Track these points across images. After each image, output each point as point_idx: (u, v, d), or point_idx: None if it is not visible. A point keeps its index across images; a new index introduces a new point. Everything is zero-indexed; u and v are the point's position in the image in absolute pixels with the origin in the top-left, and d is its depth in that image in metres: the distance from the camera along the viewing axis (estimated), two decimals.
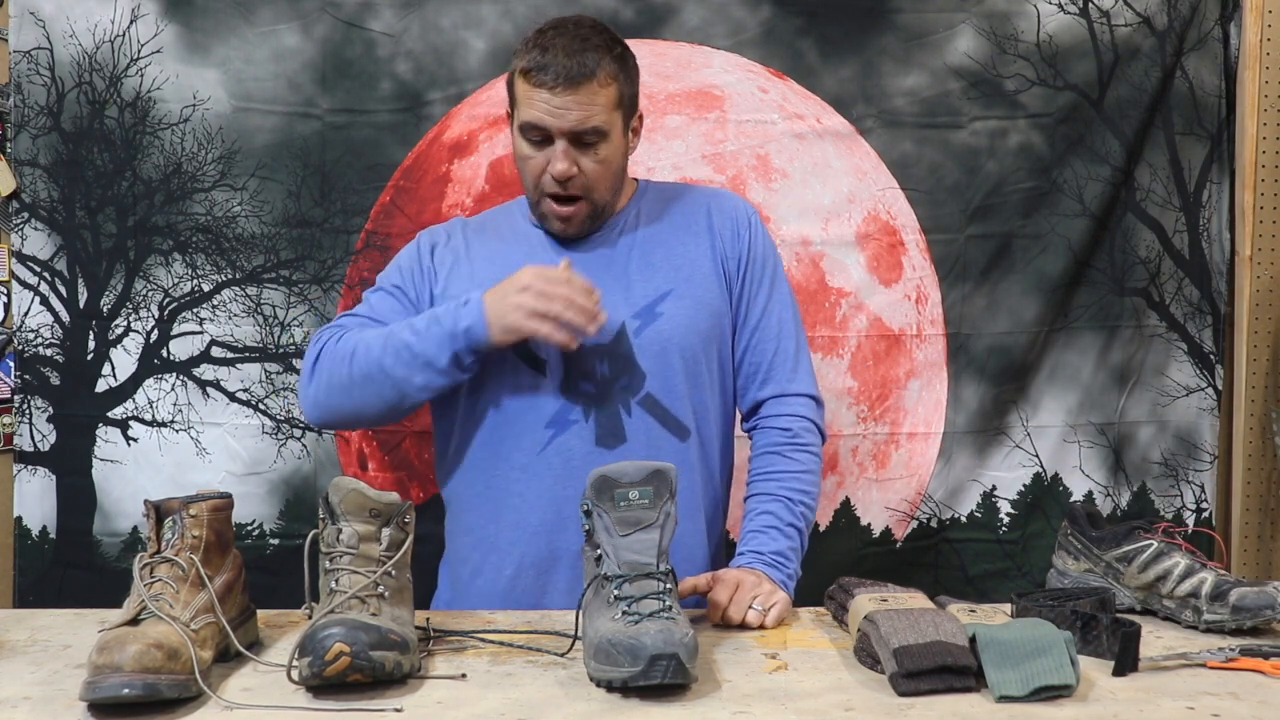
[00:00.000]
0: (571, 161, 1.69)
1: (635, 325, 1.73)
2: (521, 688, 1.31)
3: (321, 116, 2.32)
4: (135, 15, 2.29)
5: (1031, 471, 2.49)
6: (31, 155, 2.30)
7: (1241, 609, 1.51)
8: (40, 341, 2.32)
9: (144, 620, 1.28)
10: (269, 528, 2.35)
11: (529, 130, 1.70)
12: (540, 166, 1.71)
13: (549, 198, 1.73)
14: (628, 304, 1.75)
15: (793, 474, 1.77)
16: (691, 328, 1.75)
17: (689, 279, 1.78)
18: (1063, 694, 1.27)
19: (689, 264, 1.79)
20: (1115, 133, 2.43)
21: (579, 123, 1.67)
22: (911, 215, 2.41)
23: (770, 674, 1.36)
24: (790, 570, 1.70)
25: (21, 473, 2.33)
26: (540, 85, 1.66)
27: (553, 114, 1.67)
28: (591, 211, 1.75)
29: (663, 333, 1.74)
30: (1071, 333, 2.47)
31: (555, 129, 1.68)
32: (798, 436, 1.79)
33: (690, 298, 1.77)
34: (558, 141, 1.69)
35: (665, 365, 1.73)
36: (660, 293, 1.76)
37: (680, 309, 1.75)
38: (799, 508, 1.75)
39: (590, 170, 1.71)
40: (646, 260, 1.78)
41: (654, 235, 1.81)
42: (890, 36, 2.38)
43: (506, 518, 1.74)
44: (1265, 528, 2.51)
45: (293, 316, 2.34)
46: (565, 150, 1.69)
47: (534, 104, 1.68)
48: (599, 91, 1.67)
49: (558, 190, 1.71)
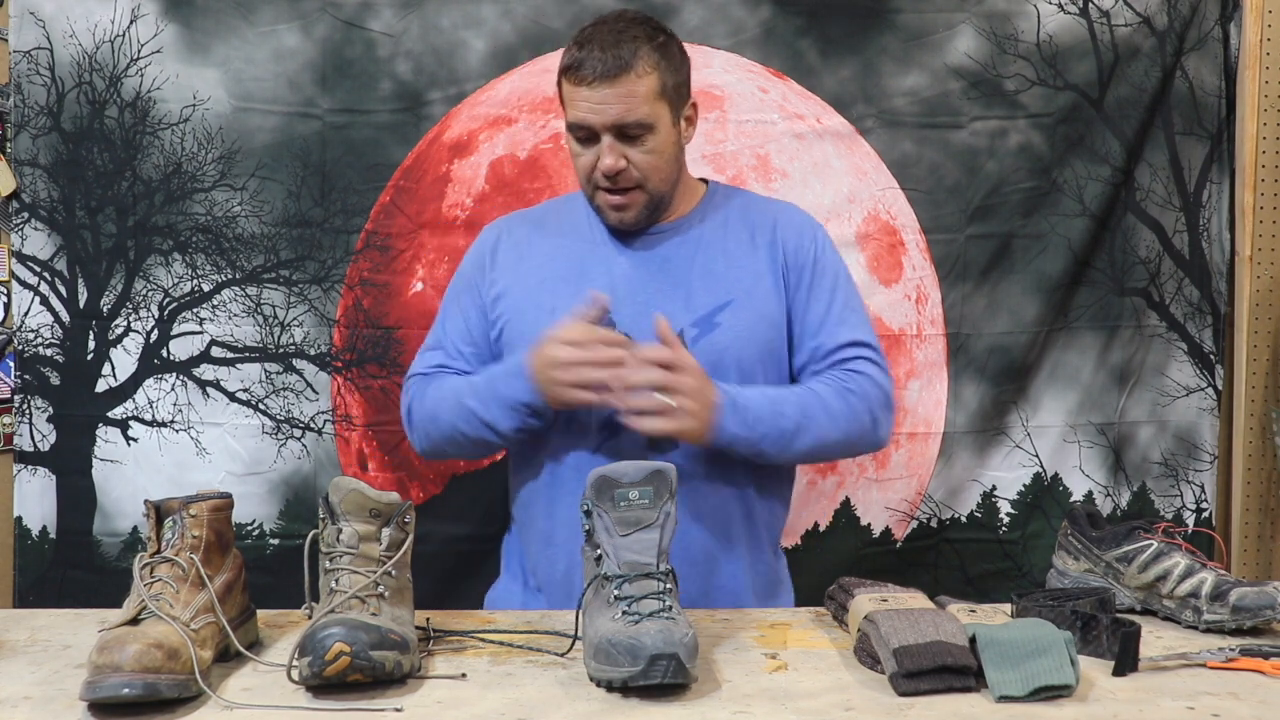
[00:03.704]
0: (619, 156, 1.68)
1: (694, 334, 1.72)
2: (521, 688, 1.31)
3: (321, 116, 2.32)
4: (135, 15, 2.29)
5: (1031, 471, 2.49)
6: (31, 155, 2.30)
7: (1241, 609, 1.51)
8: (40, 341, 2.32)
9: (144, 620, 1.28)
10: (269, 528, 2.35)
11: (575, 129, 1.71)
12: (590, 164, 1.71)
13: (602, 190, 1.73)
14: (688, 311, 1.73)
15: (833, 390, 1.72)
16: (750, 339, 1.73)
17: (750, 291, 1.76)
18: (1063, 694, 1.27)
19: (751, 275, 1.77)
20: (1115, 133, 2.43)
21: (620, 117, 1.66)
22: (911, 215, 2.41)
23: (770, 674, 1.36)
24: (731, 416, 1.63)
25: (21, 473, 2.33)
26: (580, 83, 1.66)
27: (594, 110, 1.67)
28: (648, 201, 1.74)
29: (719, 343, 1.72)
30: (1071, 333, 2.47)
31: (599, 125, 1.67)
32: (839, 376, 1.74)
33: (750, 310, 1.75)
34: (604, 137, 1.68)
35: (720, 375, 1.68)
36: (720, 303, 1.74)
37: (739, 320, 1.74)
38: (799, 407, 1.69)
39: (641, 162, 1.70)
40: (709, 269, 1.77)
41: (718, 243, 1.79)
42: (890, 36, 2.38)
43: (560, 515, 1.73)
44: (1265, 528, 2.51)
45: (293, 316, 2.34)
46: (611, 145, 1.68)
47: (576, 103, 1.69)
48: (638, 82, 1.66)
49: (608, 185, 1.72)
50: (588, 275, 1.76)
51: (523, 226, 1.87)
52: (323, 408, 2.35)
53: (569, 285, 1.75)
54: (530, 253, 1.82)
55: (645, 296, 1.74)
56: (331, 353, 2.35)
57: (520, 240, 1.84)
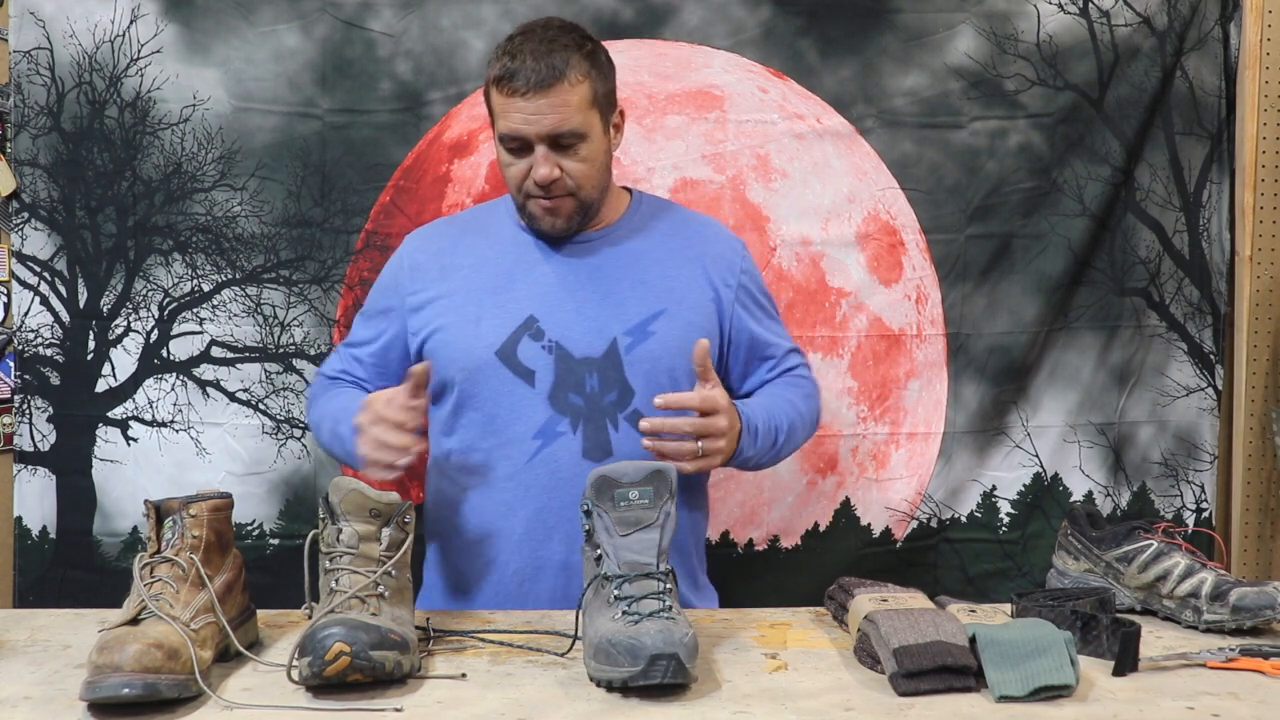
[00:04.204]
0: (553, 165, 1.68)
1: (627, 342, 1.73)
2: (521, 688, 1.31)
3: (321, 116, 2.32)
4: (135, 15, 2.29)
5: (1031, 471, 2.49)
6: (31, 155, 2.30)
7: (1241, 609, 1.51)
8: (40, 341, 2.32)
9: (144, 620, 1.28)
10: (269, 528, 2.35)
11: (508, 140, 1.69)
12: (523, 173, 1.71)
13: (535, 198, 1.72)
14: (620, 320, 1.74)
15: (800, 395, 1.84)
16: (682, 349, 1.72)
17: (681, 301, 1.78)
18: (1063, 694, 1.27)
19: (683, 285, 1.79)
20: (1115, 133, 2.43)
21: (555, 126, 1.66)
22: (911, 215, 2.41)
23: (770, 674, 1.36)
24: (749, 443, 1.70)
25: (21, 473, 2.33)
26: (513, 94, 1.65)
27: (528, 121, 1.65)
28: (579, 207, 1.73)
29: (653, 352, 1.74)
30: (1071, 333, 2.47)
31: (533, 135, 1.66)
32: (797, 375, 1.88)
33: (682, 319, 1.76)
34: (537, 147, 1.67)
35: (654, 383, 1.72)
36: (653, 312, 1.75)
37: (672, 329, 1.75)
38: (787, 417, 1.78)
39: (574, 170, 1.70)
40: (641, 278, 1.78)
41: (650, 253, 1.81)
42: (890, 36, 2.38)
43: (492, 525, 1.74)
44: (1265, 528, 2.51)
45: (293, 316, 2.34)
46: (546, 155, 1.67)
47: (509, 114, 1.67)
48: (571, 91, 1.66)
49: (540, 194, 1.71)
50: (515, 284, 1.76)
51: (446, 236, 1.87)
52: None
53: (495, 295, 1.75)
54: (455, 262, 1.80)
55: (575, 304, 1.75)
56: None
57: (444, 250, 1.83)
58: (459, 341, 1.74)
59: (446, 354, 1.74)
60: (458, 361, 1.74)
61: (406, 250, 1.87)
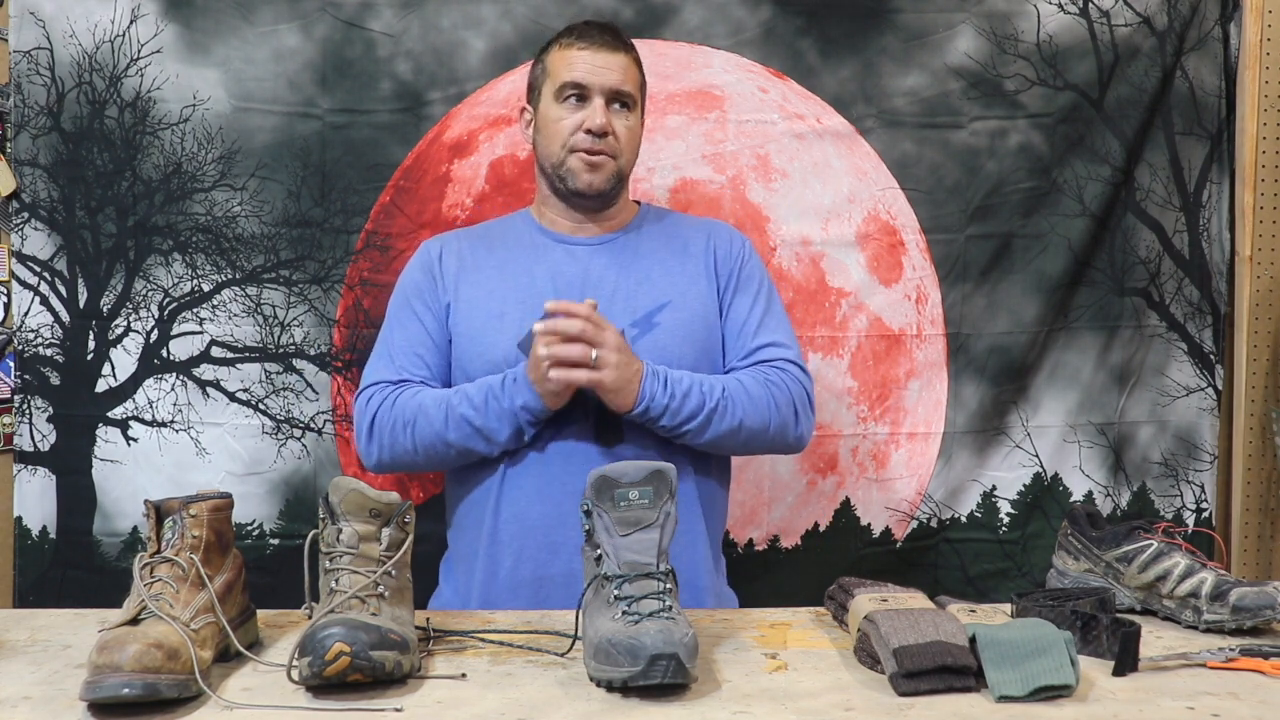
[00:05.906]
0: (609, 117, 1.80)
1: (633, 334, 1.79)
2: (521, 688, 1.31)
3: (321, 116, 2.31)
4: (135, 15, 2.29)
5: (1031, 471, 2.49)
6: (31, 155, 2.30)
7: (1241, 609, 1.51)
8: (40, 341, 2.32)
9: (144, 620, 1.28)
10: (269, 528, 2.35)
11: (568, 89, 1.81)
12: (574, 125, 1.81)
13: (580, 151, 1.81)
14: (627, 313, 1.81)
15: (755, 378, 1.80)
16: (687, 338, 1.81)
17: (685, 293, 1.85)
18: (1063, 694, 1.27)
19: (686, 279, 1.87)
20: (1115, 133, 2.43)
21: (618, 83, 1.81)
22: (911, 215, 2.41)
23: (770, 674, 1.36)
24: (653, 380, 1.71)
25: (21, 473, 2.33)
26: (583, 49, 1.81)
27: (594, 72, 1.80)
28: (616, 172, 1.84)
29: (659, 342, 1.80)
30: (1071, 333, 2.47)
31: (596, 86, 1.80)
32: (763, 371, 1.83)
33: (686, 310, 1.84)
34: (595, 99, 1.80)
35: None
36: (658, 304, 1.83)
37: (678, 320, 1.82)
38: (724, 387, 1.76)
39: (621, 132, 1.83)
40: (646, 275, 1.86)
41: (654, 253, 1.89)
42: (890, 36, 2.38)
43: (506, 511, 1.77)
44: (1265, 528, 2.51)
45: (293, 316, 2.34)
46: (602, 107, 1.80)
47: (574, 65, 1.81)
48: (630, 64, 1.84)
49: (589, 144, 1.80)
50: (534, 280, 1.84)
51: (465, 241, 1.94)
52: (323, 408, 2.35)
53: (517, 291, 1.83)
54: (476, 264, 1.88)
55: (589, 299, 1.78)
56: (331, 353, 2.35)
57: (464, 253, 1.90)
58: (485, 335, 1.81)
59: (473, 349, 1.81)
60: (484, 355, 1.80)
61: (429, 252, 1.93)
